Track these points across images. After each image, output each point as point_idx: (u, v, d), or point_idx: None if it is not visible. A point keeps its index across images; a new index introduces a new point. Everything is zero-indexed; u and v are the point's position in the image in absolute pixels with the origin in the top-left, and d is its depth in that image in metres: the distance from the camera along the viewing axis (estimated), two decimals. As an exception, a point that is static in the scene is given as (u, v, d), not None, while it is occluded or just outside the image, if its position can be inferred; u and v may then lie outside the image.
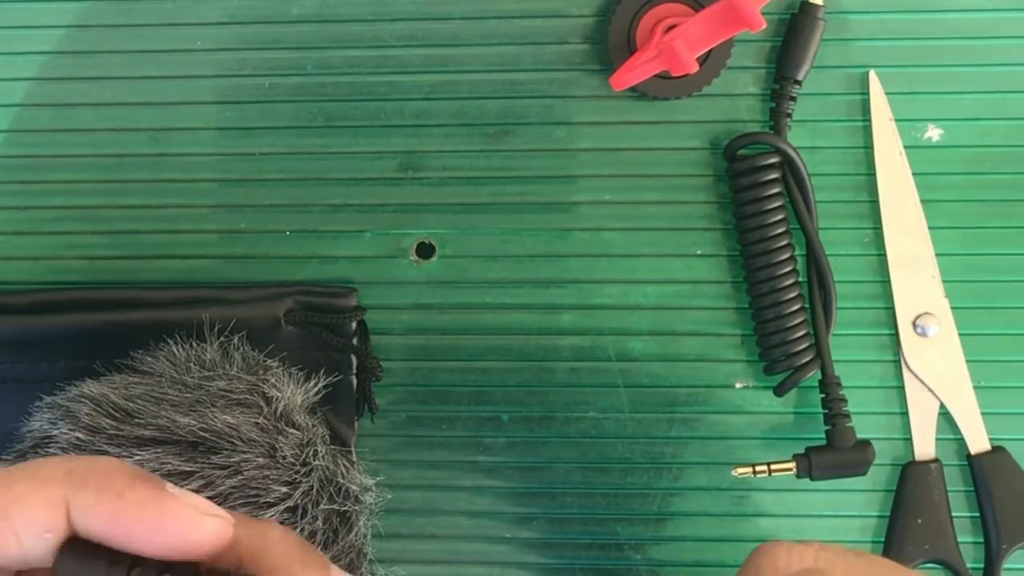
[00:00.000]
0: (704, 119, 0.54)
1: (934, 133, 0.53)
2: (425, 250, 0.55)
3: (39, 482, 0.31)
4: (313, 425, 0.49)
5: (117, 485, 0.31)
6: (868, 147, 0.53)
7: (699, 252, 0.54)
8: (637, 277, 0.54)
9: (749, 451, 0.54)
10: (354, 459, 0.52)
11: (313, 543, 0.46)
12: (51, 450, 0.47)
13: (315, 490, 0.47)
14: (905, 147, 0.53)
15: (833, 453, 0.52)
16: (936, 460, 0.53)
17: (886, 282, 0.54)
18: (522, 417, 0.55)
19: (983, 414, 0.53)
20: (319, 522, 0.47)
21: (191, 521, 0.32)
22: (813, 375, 0.53)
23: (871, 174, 0.53)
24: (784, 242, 0.52)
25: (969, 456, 0.53)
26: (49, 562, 0.32)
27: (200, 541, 0.32)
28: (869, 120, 0.53)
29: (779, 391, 0.53)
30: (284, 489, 0.46)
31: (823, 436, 0.52)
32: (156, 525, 0.31)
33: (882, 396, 0.54)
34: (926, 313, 0.53)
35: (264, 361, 0.50)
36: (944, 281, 0.53)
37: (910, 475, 0.53)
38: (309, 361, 0.53)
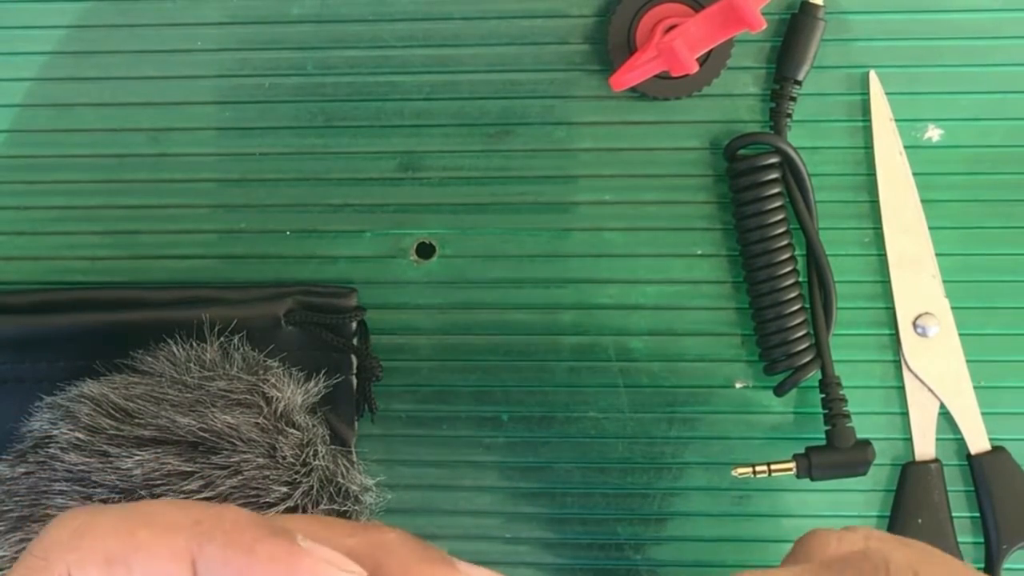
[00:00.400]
0: (704, 119, 0.54)
1: (934, 133, 0.53)
2: (425, 250, 0.55)
3: (163, 531, 0.30)
4: (313, 425, 0.49)
5: (247, 539, 0.29)
6: (868, 147, 0.53)
7: (699, 252, 0.54)
8: (637, 277, 0.54)
9: (749, 451, 0.54)
10: (354, 459, 0.51)
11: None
12: (51, 450, 0.47)
13: (315, 490, 0.47)
14: (905, 147, 0.53)
15: (833, 453, 0.52)
16: (936, 460, 0.53)
17: (886, 282, 0.54)
18: (522, 417, 0.55)
19: (983, 414, 0.53)
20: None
21: None
22: (813, 375, 0.53)
23: (871, 174, 0.53)
24: (784, 242, 0.52)
25: (969, 456, 0.53)
26: None
27: None
28: (869, 120, 0.53)
29: (779, 391, 0.53)
30: (284, 489, 0.46)
31: (823, 436, 0.52)
32: None
33: (882, 396, 0.54)
34: (926, 313, 0.53)
35: (264, 361, 0.50)
36: (944, 281, 0.53)
37: (910, 475, 0.53)
38: (309, 361, 0.53)
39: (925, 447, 0.54)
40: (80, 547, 0.30)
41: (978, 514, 0.54)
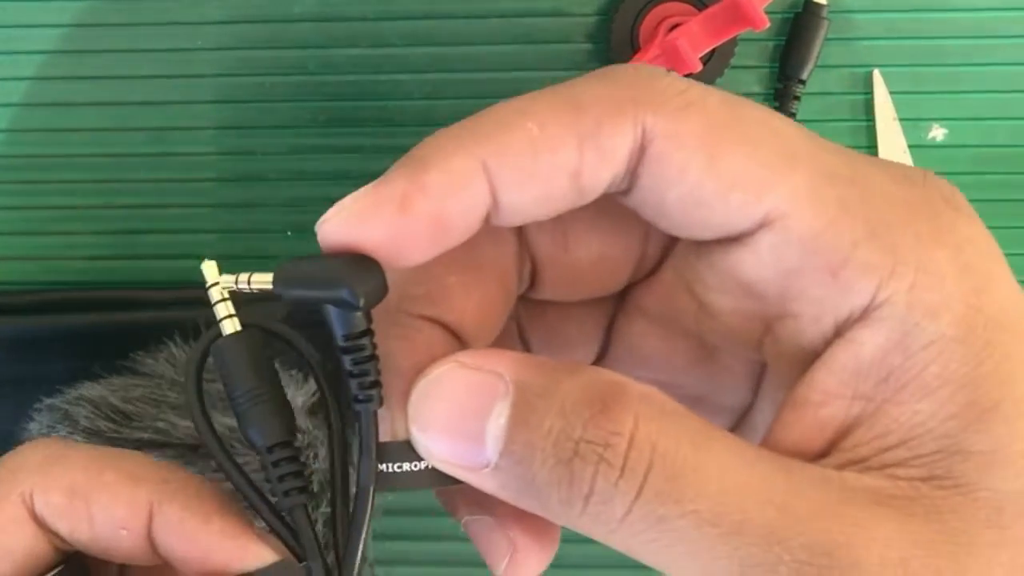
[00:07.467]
0: (707, 119, 0.53)
1: (938, 133, 0.53)
2: (426, 250, 0.54)
3: (128, 478, 0.31)
4: (313, 427, 0.49)
5: (206, 508, 0.31)
6: (872, 147, 0.53)
7: (702, 252, 0.54)
8: (639, 277, 0.54)
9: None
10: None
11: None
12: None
13: (315, 493, 0.47)
14: (909, 146, 0.53)
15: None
16: (940, 462, 0.53)
17: (890, 283, 0.53)
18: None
19: (987, 415, 0.53)
20: (319, 525, 0.47)
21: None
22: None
23: (875, 174, 0.53)
24: (787, 242, 0.52)
25: (973, 458, 0.53)
26: (117, 557, 0.31)
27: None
28: (873, 120, 0.53)
29: (782, 392, 0.53)
30: (283, 492, 0.46)
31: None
32: (237, 556, 0.30)
33: (886, 397, 0.54)
34: (930, 314, 0.53)
35: (263, 363, 0.50)
36: (948, 282, 0.53)
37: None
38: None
39: (929, 448, 0.53)
40: (49, 472, 0.31)
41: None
